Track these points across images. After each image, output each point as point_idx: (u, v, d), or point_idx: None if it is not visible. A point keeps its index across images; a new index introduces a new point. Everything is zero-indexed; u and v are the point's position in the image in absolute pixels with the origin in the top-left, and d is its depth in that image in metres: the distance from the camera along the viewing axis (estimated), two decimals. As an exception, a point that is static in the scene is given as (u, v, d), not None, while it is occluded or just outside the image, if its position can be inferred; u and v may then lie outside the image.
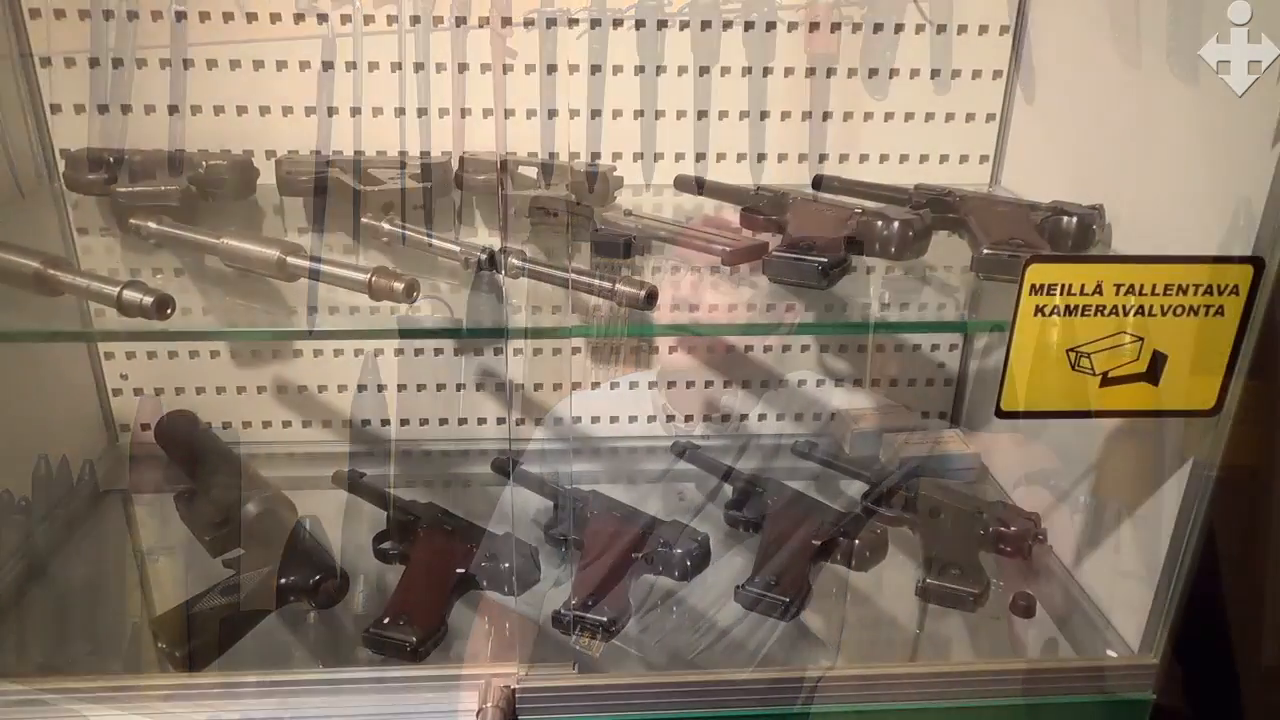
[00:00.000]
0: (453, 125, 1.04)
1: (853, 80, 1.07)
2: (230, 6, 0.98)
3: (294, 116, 1.03)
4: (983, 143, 1.11)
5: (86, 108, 1.01)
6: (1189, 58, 0.80)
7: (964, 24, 1.06)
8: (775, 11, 1.03)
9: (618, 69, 1.04)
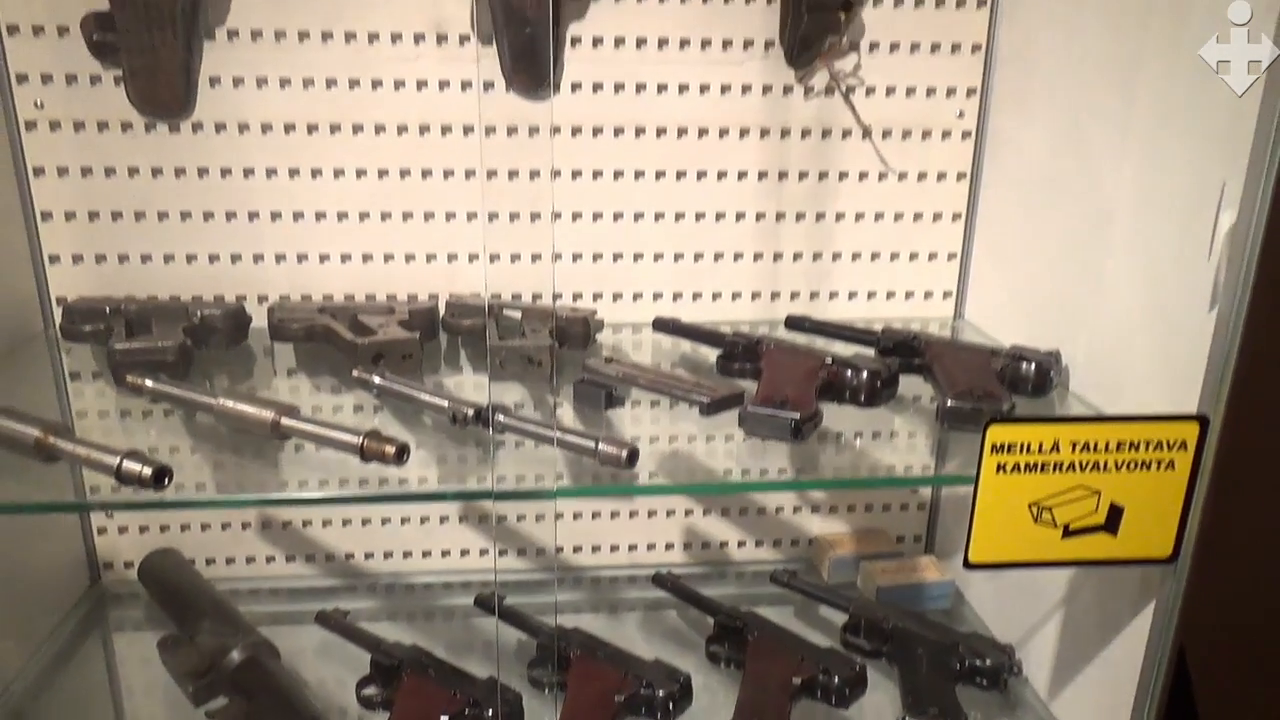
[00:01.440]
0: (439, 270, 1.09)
1: (821, 223, 1.13)
2: (230, 163, 1.03)
3: (287, 263, 1.07)
4: (945, 279, 1.17)
5: (84, 258, 1.05)
6: (1133, 217, 0.86)
7: (923, 171, 1.13)
8: (745, 163, 1.10)
9: (598, 215, 1.10)
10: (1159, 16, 0.82)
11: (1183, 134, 0.79)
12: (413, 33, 1.01)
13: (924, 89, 1.09)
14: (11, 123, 0.99)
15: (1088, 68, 0.93)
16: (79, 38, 0.96)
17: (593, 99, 1.06)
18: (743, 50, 1.06)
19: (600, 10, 1.03)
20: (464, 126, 1.05)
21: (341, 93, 1.02)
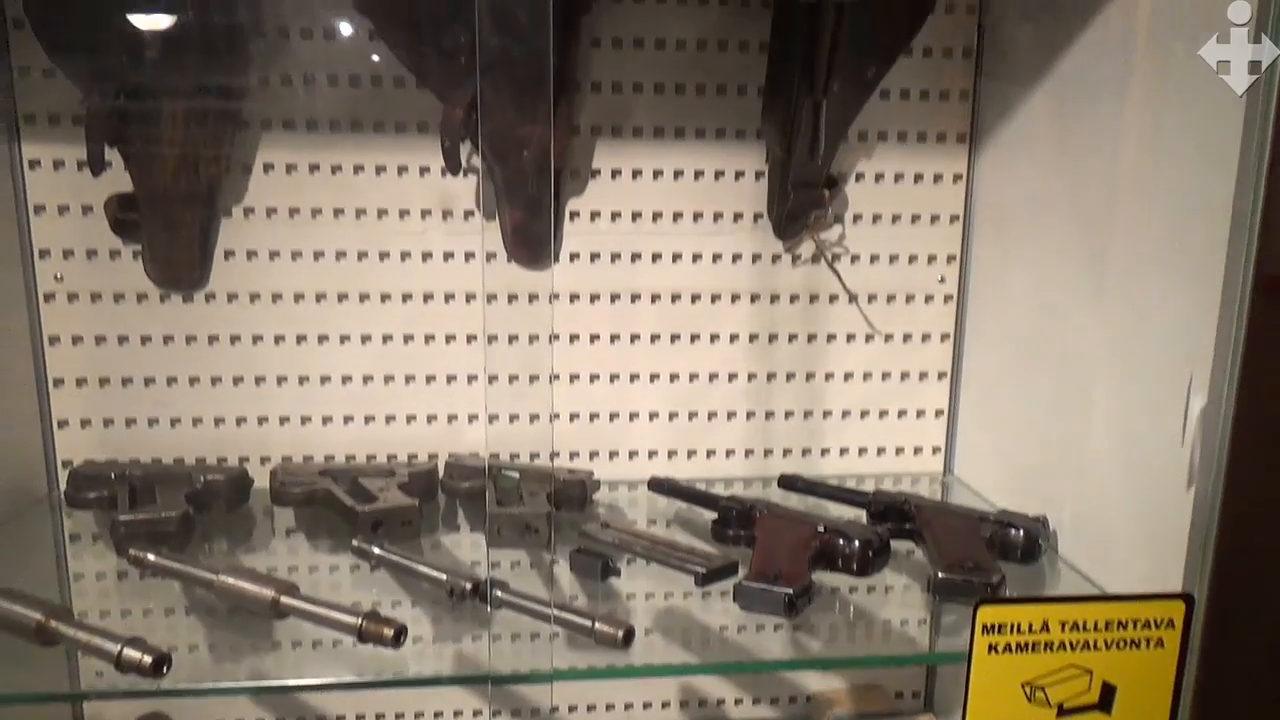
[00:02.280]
0: (439, 431, 1.12)
1: (811, 383, 1.17)
2: (240, 330, 1.07)
3: (291, 425, 1.10)
4: (933, 436, 1.20)
5: (93, 422, 1.07)
6: (1108, 394, 0.90)
7: (908, 333, 1.17)
8: (737, 326, 1.14)
9: (595, 376, 1.13)
10: (1122, 209, 0.88)
11: (1152, 321, 0.83)
12: (420, 209, 1.07)
13: (906, 256, 1.15)
14: (31, 295, 1.03)
15: (1059, 245, 0.98)
16: (102, 216, 1.01)
17: (590, 268, 1.11)
18: (733, 222, 1.11)
19: (598, 186, 1.09)
20: (466, 294, 1.09)
21: (350, 264, 1.07)
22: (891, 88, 1.09)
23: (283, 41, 1.01)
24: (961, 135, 1.12)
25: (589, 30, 1.04)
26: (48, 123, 1.00)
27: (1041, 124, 1.02)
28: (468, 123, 0.99)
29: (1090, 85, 0.93)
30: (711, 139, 1.09)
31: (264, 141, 1.03)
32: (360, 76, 1.03)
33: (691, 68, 1.07)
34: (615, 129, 1.08)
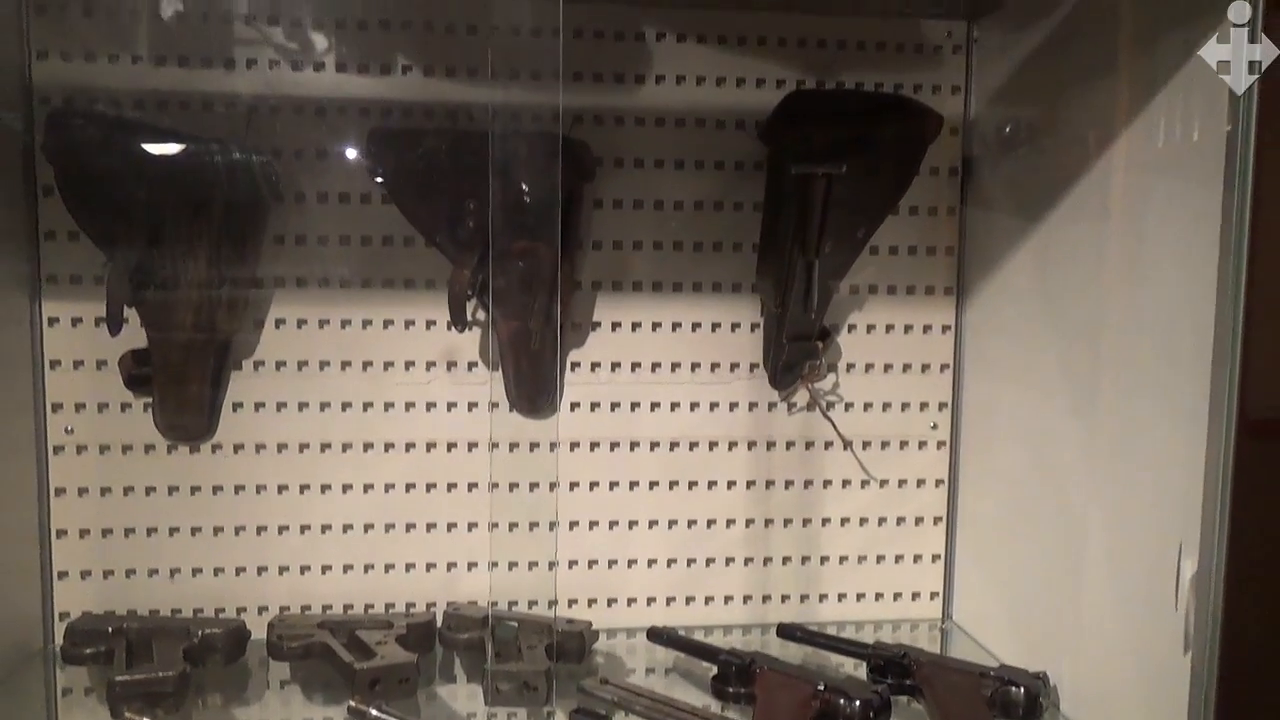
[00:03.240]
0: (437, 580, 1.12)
1: (808, 528, 1.18)
2: (244, 480, 1.08)
3: (290, 574, 1.10)
4: (931, 581, 1.20)
5: (93, 573, 1.07)
6: (1102, 553, 0.91)
7: (903, 478, 1.19)
8: (735, 473, 1.16)
9: (594, 523, 1.15)
10: (1106, 359, 0.92)
11: (1140, 474, 0.85)
12: (425, 361, 1.10)
13: (899, 404, 1.17)
14: (41, 447, 1.05)
15: (1046, 395, 1.02)
16: (115, 370, 1.04)
17: (592, 416, 1.13)
18: (730, 372, 1.15)
19: (599, 337, 1.13)
20: (469, 443, 1.11)
21: (356, 414, 1.09)
22: (880, 244, 1.14)
23: (299, 205, 1.06)
24: (948, 288, 1.17)
25: (592, 193, 1.09)
26: (69, 282, 1.03)
27: (1025, 278, 1.07)
28: (474, 282, 1.03)
29: (1070, 242, 0.98)
30: (708, 292, 1.13)
31: (277, 298, 1.07)
32: (372, 237, 1.07)
33: (689, 226, 1.12)
34: (616, 284, 1.12)
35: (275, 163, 1.04)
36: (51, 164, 0.98)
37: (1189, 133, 0.79)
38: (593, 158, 1.07)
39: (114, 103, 1.02)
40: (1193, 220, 0.78)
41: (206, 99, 1.04)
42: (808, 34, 1.11)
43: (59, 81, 1.01)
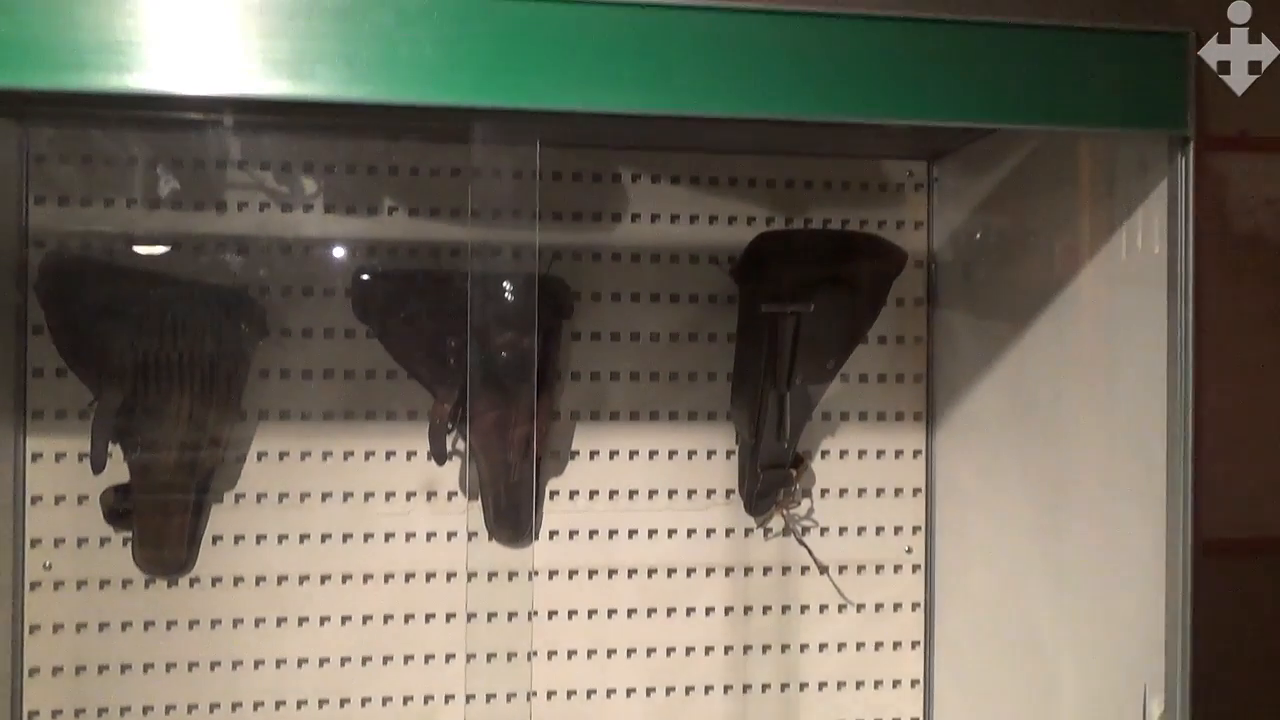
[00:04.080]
0: (416, 713, 1.11)
1: (787, 654, 1.18)
2: (221, 615, 1.08)
3: (265, 709, 1.09)
4: (911, 707, 1.20)
5: (64, 712, 1.06)
6: (1075, 692, 0.92)
7: (880, 603, 1.20)
8: (712, 600, 1.17)
9: (572, 652, 1.14)
10: (1070, 488, 0.94)
11: (1105, 608, 0.87)
12: (405, 491, 1.11)
13: (873, 528, 1.19)
14: (18, 584, 1.04)
15: (1015, 520, 1.04)
16: (96, 505, 1.04)
17: (570, 544, 1.14)
18: (706, 499, 1.16)
19: (577, 466, 1.15)
20: (447, 573, 1.12)
21: (335, 545, 1.10)
22: (851, 372, 1.18)
23: (285, 340, 1.09)
24: (918, 414, 1.20)
25: (570, 327, 1.13)
26: (54, 418, 1.05)
27: (991, 404, 1.10)
28: (455, 415, 1.05)
29: (1033, 368, 1.02)
30: (684, 421, 1.16)
31: (260, 431, 1.09)
32: (355, 370, 1.10)
33: (664, 357, 1.15)
34: (594, 413, 1.15)
35: (262, 301, 1.07)
36: (43, 307, 1.01)
37: (1150, 257, 0.83)
38: (570, 294, 1.11)
39: (107, 246, 1.06)
40: (1154, 348, 0.81)
41: (198, 240, 1.07)
42: (776, 175, 1.16)
43: (54, 225, 1.05)
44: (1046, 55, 0.73)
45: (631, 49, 0.69)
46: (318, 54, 0.65)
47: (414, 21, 0.67)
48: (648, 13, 0.69)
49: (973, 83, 0.72)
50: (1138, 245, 0.86)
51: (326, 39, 0.66)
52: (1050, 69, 0.73)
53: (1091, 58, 0.73)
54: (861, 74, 0.71)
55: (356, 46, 0.66)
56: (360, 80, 0.66)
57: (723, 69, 0.70)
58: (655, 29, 0.69)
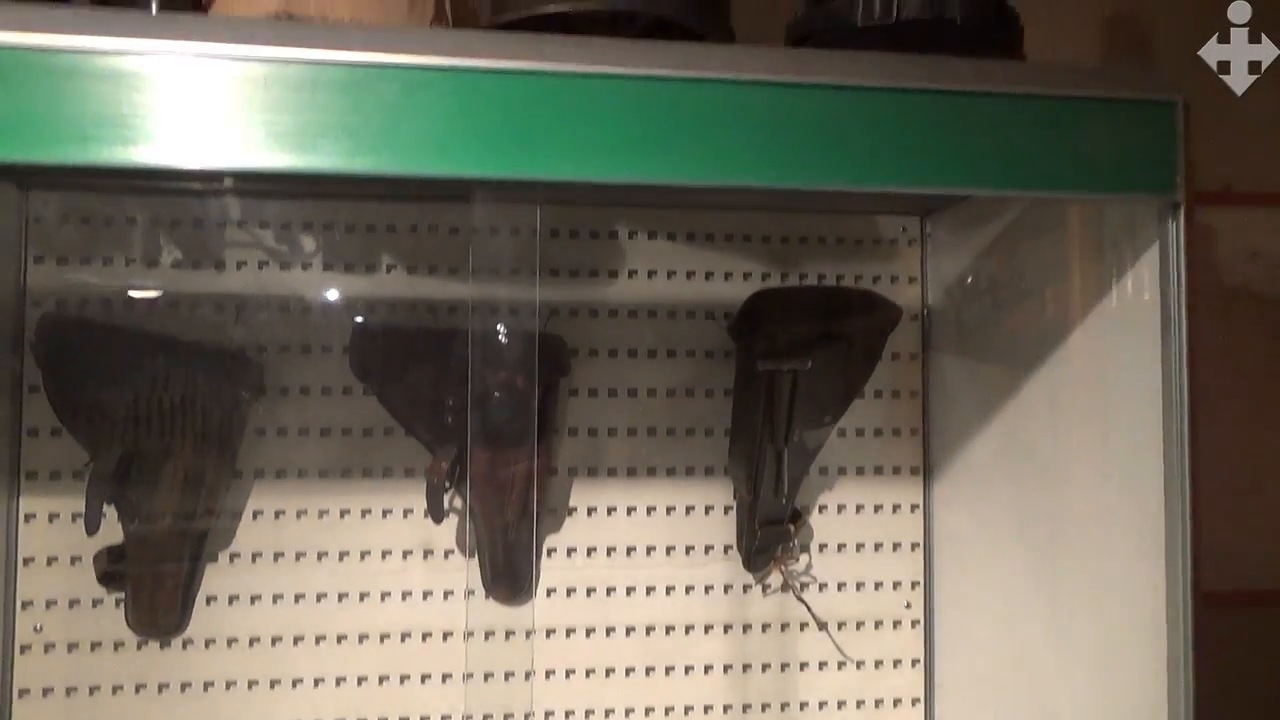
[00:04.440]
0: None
1: (786, 712, 1.17)
2: (214, 676, 1.07)
3: (256, 775, 1.07)
4: (913, 766, 1.19)
5: (52, 779, 1.04)
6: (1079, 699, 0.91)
7: (879, 659, 1.19)
8: (711, 657, 1.16)
9: (570, 713, 1.13)
10: (1069, 539, 0.94)
11: (1108, 665, 0.87)
12: (402, 549, 1.10)
13: (872, 583, 1.19)
14: (8, 648, 1.03)
15: (1013, 574, 1.04)
16: (89, 566, 1.03)
17: (568, 602, 1.13)
18: (704, 555, 1.16)
19: (575, 523, 1.14)
20: (444, 632, 1.11)
21: (331, 605, 1.09)
22: (848, 427, 1.18)
23: (282, 398, 1.08)
24: (915, 468, 1.20)
25: (567, 383, 1.13)
26: (49, 478, 1.04)
27: (987, 457, 1.10)
28: (452, 473, 1.05)
29: (1028, 421, 1.02)
30: (682, 476, 1.16)
31: (255, 490, 1.08)
32: (352, 428, 1.10)
33: (662, 413, 1.15)
34: (591, 469, 1.14)
35: (260, 359, 1.07)
36: (40, 367, 1.01)
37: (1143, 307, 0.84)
38: (568, 352, 1.11)
39: (105, 304, 1.06)
40: (1149, 399, 0.82)
41: (196, 299, 1.07)
42: (771, 231, 1.17)
43: (52, 284, 1.05)
44: (1036, 124, 0.74)
45: (631, 119, 0.70)
46: (322, 127, 0.66)
47: (416, 93, 0.68)
48: (647, 84, 0.70)
49: (962, 152, 0.73)
50: (1129, 297, 0.86)
51: (330, 112, 0.66)
52: (1040, 137, 0.74)
53: (1081, 126, 0.75)
54: (855, 144, 0.72)
55: (360, 119, 0.67)
56: (364, 153, 0.67)
57: (721, 139, 0.71)
58: (654, 100, 0.70)
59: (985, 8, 0.79)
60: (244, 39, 0.66)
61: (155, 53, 0.65)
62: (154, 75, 0.65)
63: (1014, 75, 0.75)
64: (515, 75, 0.68)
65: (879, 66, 0.73)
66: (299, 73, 0.66)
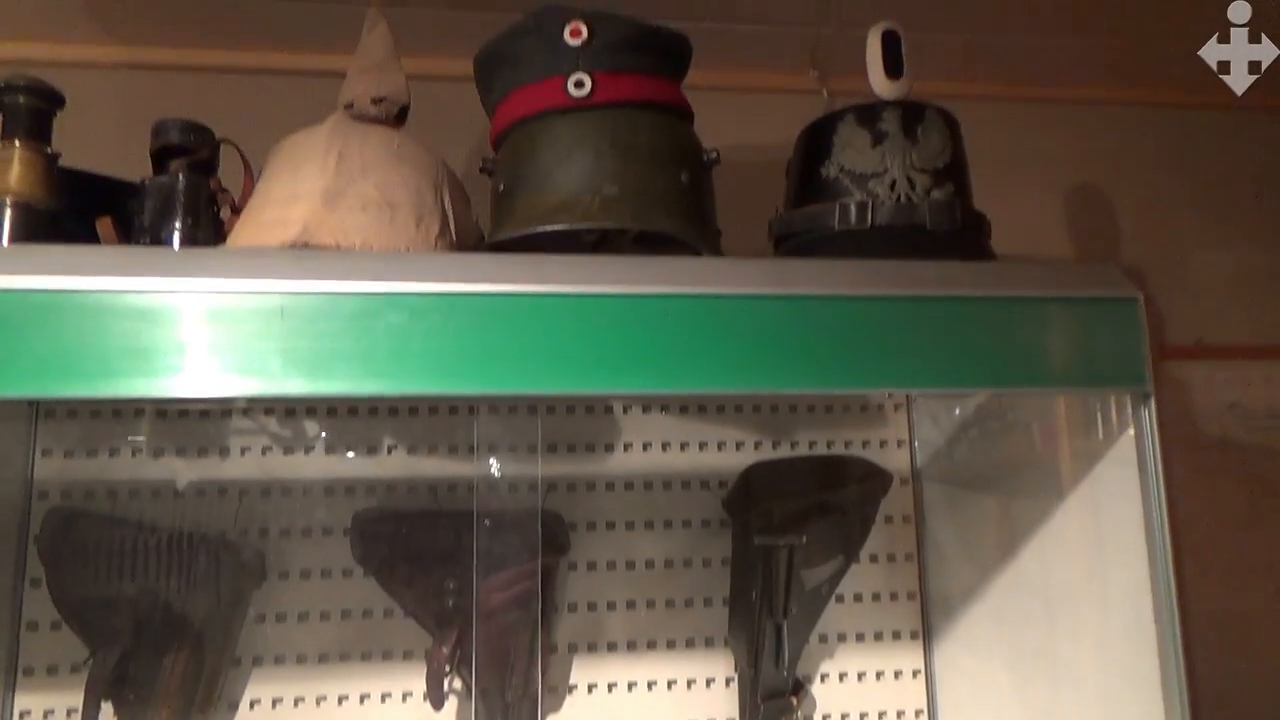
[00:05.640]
0: None
1: None
2: None
3: None
4: None
5: None
6: None
7: None
8: (718, 840, 1.13)
9: None
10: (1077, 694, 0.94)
11: None
12: (402, 691, 1.09)
13: (877, 749, 1.17)
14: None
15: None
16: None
17: (568, 776, 1.11)
18: (708, 729, 1.15)
19: (576, 700, 1.13)
20: (443, 810, 1.08)
21: (328, 773, 1.07)
22: (846, 592, 1.19)
23: (282, 582, 1.09)
24: (914, 632, 1.20)
25: (566, 559, 1.14)
26: (45, 674, 1.03)
27: (985, 620, 1.11)
28: (453, 657, 1.05)
29: (1026, 587, 1.03)
30: (682, 649, 1.16)
31: (253, 677, 1.07)
32: (352, 611, 1.10)
33: (660, 585, 1.16)
34: (592, 645, 1.14)
35: (261, 546, 1.08)
36: (42, 561, 1.01)
37: (1127, 465, 0.85)
38: (566, 530, 1.12)
39: (110, 494, 1.07)
40: (1137, 553, 0.83)
41: (200, 486, 1.09)
42: (762, 400, 1.21)
43: (58, 477, 1.07)
44: (1005, 323, 0.79)
45: (625, 334, 0.74)
46: (335, 353, 0.70)
47: (424, 318, 0.72)
48: (639, 301, 0.75)
49: (937, 353, 0.77)
50: (1113, 458, 0.89)
51: (344, 338, 0.70)
52: (1009, 336, 0.79)
53: (1048, 324, 0.79)
54: (835, 349, 0.76)
55: (371, 343, 0.71)
56: (374, 375, 0.70)
57: (708, 349, 0.75)
58: (647, 314, 0.75)
59: (953, 213, 0.85)
60: (263, 272, 0.71)
61: (178, 290, 0.69)
62: (177, 310, 0.69)
63: (981, 279, 0.80)
64: (516, 298, 0.73)
65: (854, 275, 0.78)
66: (314, 303, 0.70)
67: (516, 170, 0.86)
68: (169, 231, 0.80)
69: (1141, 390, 0.80)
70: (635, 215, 0.82)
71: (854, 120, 0.88)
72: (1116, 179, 1.40)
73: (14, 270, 0.68)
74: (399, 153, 0.84)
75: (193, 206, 0.80)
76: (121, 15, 1.14)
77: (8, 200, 0.75)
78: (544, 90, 0.85)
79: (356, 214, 0.78)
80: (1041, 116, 1.39)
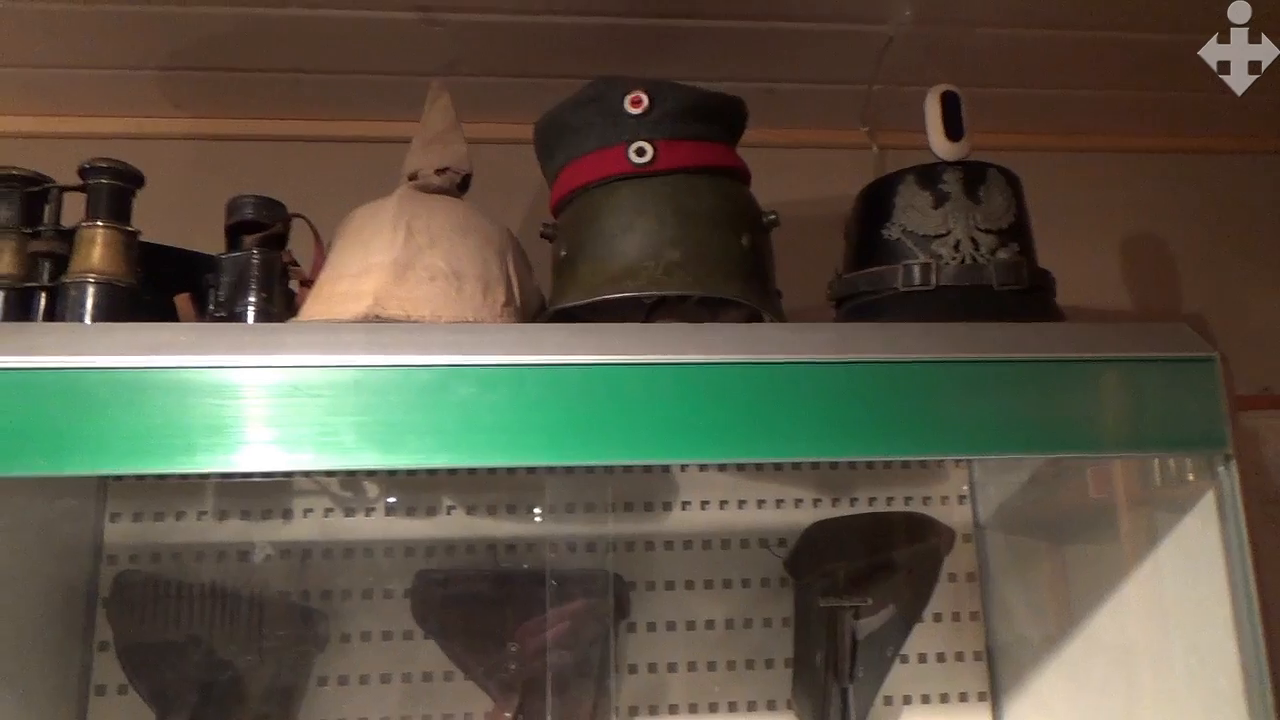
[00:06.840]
0: None
1: None
2: None
3: None
4: None
5: None
6: None
7: None
8: None
9: None
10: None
11: None
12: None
13: (946, 822, 1.14)
14: None
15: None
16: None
17: None
18: (770, 799, 1.12)
19: (633, 768, 1.12)
20: None
21: None
22: (910, 653, 1.16)
23: (344, 645, 1.09)
24: (982, 693, 1.17)
25: (626, 621, 1.13)
26: (113, 739, 1.05)
27: (1056, 680, 1.07)
28: (515, 721, 1.04)
29: (1095, 646, 1.00)
30: (744, 712, 1.14)
31: (315, 743, 1.08)
32: (413, 674, 1.10)
33: (721, 646, 1.14)
34: (653, 708, 1.13)
35: (324, 605, 1.09)
36: (111, 625, 1.03)
37: (1204, 527, 0.83)
38: (627, 591, 1.12)
39: (175, 558, 1.09)
40: (1218, 608, 0.81)
41: (265, 549, 1.10)
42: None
43: (128, 541, 1.09)
44: (1076, 386, 0.77)
45: (690, 403, 0.74)
46: (406, 426, 0.71)
47: (492, 390, 0.72)
48: (704, 370, 0.75)
49: (1006, 417, 0.76)
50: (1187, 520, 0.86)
51: (415, 411, 0.71)
52: (1082, 399, 0.77)
53: (1122, 387, 0.78)
54: (902, 415, 0.75)
55: (441, 416, 0.71)
56: (445, 448, 0.71)
57: (774, 417, 0.74)
58: (712, 382, 0.75)
59: (1020, 272, 0.84)
60: (336, 347, 0.72)
61: (253, 366, 0.71)
62: (253, 385, 0.70)
63: (1051, 341, 0.79)
64: (583, 369, 0.73)
65: (920, 339, 0.78)
66: (386, 376, 0.71)
67: (579, 236, 0.87)
68: (244, 306, 0.82)
69: (1223, 452, 0.78)
70: (698, 280, 0.83)
71: (915, 182, 0.88)
72: (1171, 227, 1.38)
73: (98, 350, 0.70)
74: (465, 223, 0.85)
75: (266, 281, 0.82)
76: (191, 90, 1.18)
77: (91, 279, 0.77)
78: (606, 158, 0.86)
79: (425, 285, 0.79)
80: (1091, 167, 1.38)
